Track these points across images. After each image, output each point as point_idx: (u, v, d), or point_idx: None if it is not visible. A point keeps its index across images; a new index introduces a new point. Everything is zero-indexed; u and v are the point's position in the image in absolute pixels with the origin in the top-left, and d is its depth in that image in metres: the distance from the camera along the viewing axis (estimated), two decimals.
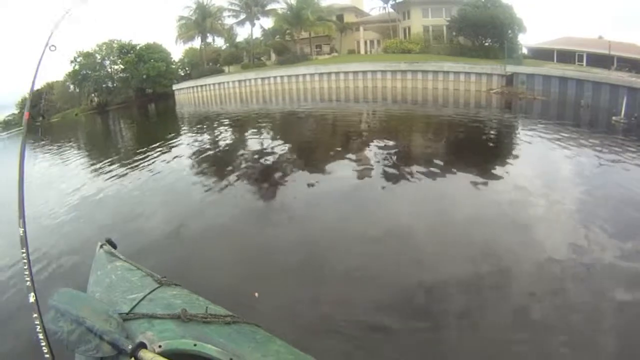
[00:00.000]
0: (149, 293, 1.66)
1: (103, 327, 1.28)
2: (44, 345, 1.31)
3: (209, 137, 13.81)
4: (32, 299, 1.42)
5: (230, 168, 8.56)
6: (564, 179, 6.51)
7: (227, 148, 11.45)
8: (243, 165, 8.81)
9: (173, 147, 11.93)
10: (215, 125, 16.44)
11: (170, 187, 7.55)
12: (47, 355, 1.28)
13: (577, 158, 7.76)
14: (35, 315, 1.36)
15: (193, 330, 1.38)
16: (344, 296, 3.46)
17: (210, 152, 10.84)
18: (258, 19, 35.42)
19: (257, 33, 37.24)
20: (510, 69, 19.01)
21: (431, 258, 4.08)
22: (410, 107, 17.62)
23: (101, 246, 2.30)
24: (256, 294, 3.37)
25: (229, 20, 36.91)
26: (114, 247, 2.38)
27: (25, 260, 1.35)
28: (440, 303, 3.33)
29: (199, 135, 14.43)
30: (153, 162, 9.85)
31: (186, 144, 12.23)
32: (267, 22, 37.47)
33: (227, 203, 6.24)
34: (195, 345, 1.29)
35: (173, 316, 1.44)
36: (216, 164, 9.36)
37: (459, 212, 5.19)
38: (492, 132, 11.44)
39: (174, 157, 10.22)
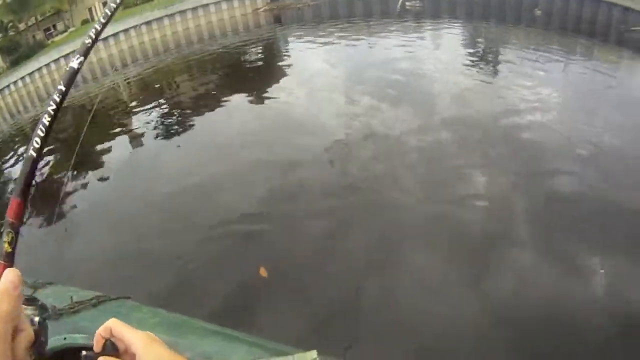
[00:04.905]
0: None
1: None
2: None
3: None
4: None
5: None
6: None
7: None
8: None
9: None
10: None
11: None
12: None
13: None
14: None
15: (65, 324, 1.38)
16: None
17: None
18: None
19: None
20: None
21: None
22: (172, 55, 15.41)
23: None
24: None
25: None
26: None
27: None
28: None
29: None
30: None
31: None
32: None
33: None
34: (65, 339, 1.30)
35: (45, 318, 1.32)
36: None
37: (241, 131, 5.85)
38: (264, 50, 11.00)
39: None
